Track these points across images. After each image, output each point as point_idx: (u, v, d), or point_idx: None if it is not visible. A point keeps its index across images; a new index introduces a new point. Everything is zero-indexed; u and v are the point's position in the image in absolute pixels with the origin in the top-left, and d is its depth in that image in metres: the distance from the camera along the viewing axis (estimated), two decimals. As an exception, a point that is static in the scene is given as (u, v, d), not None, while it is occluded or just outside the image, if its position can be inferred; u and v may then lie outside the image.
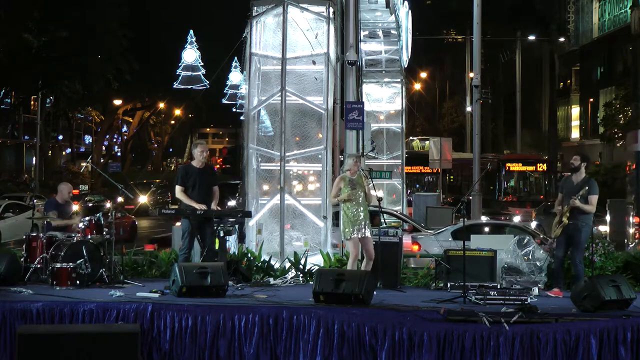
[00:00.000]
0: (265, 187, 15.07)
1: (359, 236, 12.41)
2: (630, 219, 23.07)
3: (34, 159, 53.91)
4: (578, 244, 12.15)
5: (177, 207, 13.33)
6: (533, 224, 24.75)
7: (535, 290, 12.14)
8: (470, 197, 24.97)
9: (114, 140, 74.67)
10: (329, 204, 14.78)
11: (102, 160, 63.65)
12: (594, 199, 12.20)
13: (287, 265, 13.78)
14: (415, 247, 18.63)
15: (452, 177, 48.20)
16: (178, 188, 12.67)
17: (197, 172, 12.73)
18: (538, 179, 40.44)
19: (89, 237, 12.85)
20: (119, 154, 74.09)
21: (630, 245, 21.20)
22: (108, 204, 13.73)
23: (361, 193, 12.55)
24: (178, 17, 54.86)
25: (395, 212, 23.18)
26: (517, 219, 29.21)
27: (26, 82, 45.51)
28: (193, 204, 12.48)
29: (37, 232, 13.25)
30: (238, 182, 14.53)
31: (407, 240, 21.13)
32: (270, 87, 15.05)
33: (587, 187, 12.17)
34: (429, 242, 18.53)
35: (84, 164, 58.10)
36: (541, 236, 17.40)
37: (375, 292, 11.23)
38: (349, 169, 12.65)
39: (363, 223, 12.45)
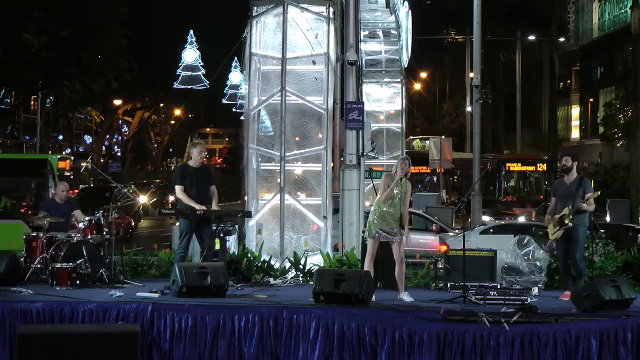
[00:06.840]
0: (268, 195, 15.00)
1: (387, 240, 11.78)
2: None
3: (34, 159, 53.74)
4: (577, 242, 12.07)
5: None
6: None
7: (535, 290, 12.14)
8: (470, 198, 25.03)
9: (114, 140, 74.62)
10: (329, 204, 14.76)
11: (102, 160, 63.59)
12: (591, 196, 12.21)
13: (287, 265, 13.78)
14: (444, 248, 18.80)
15: (455, 177, 48.18)
16: (178, 188, 12.62)
17: (193, 171, 12.71)
18: (538, 179, 40.40)
19: (89, 237, 12.86)
20: (119, 154, 74.02)
21: None
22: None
23: (399, 200, 11.77)
24: (178, 17, 54.78)
25: (422, 213, 23.55)
26: (521, 219, 29.20)
27: (26, 82, 45.43)
28: (193, 204, 12.47)
29: (37, 232, 13.25)
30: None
31: (434, 240, 21.38)
32: (270, 87, 15.05)
33: (583, 188, 12.16)
34: (457, 242, 18.53)
35: (84, 164, 58.00)
36: None
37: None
38: (395, 171, 11.84)
39: (390, 227, 11.71)
